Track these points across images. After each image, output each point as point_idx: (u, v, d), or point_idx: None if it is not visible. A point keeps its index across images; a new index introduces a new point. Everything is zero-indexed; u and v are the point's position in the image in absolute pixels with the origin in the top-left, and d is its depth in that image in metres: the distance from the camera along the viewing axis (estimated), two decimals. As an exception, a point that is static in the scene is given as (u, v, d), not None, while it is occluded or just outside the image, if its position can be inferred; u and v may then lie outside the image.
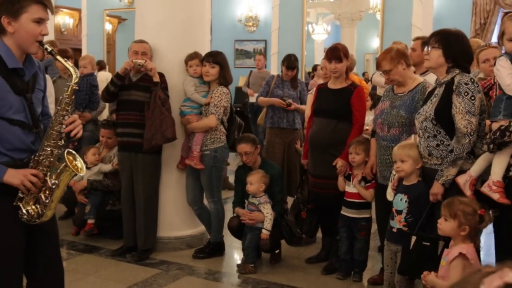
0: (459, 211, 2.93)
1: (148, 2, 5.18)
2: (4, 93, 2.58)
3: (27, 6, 2.58)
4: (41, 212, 2.68)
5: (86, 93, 6.14)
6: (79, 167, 2.74)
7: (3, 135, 2.61)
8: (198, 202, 5.12)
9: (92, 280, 4.52)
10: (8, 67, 2.61)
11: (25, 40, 2.62)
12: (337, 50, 4.60)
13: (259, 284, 4.44)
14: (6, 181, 2.57)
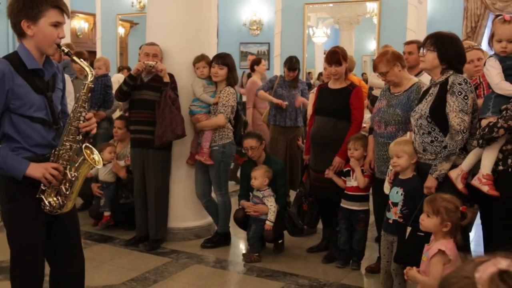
0: (442, 207, 2.87)
1: (158, 8, 5.19)
2: (25, 93, 2.60)
3: (45, 11, 2.59)
4: (62, 203, 2.71)
5: (100, 92, 6.15)
6: (97, 160, 2.76)
7: (26, 132, 2.63)
8: (207, 195, 5.14)
9: (107, 268, 4.54)
10: (28, 68, 2.62)
11: (43, 42, 2.63)
12: (336, 54, 4.60)
13: (263, 272, 4.46)
14: (29, 174, 2.59)
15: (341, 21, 11.33)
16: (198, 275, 4.41)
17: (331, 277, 4.34)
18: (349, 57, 5.83)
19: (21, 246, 2.72)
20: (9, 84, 2.55)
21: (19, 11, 2.59)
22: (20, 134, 2.63)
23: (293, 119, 6.07)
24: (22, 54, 2.63)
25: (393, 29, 8.37)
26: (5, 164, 2.58)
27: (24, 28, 2.60)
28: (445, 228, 2.88)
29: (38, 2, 2.57)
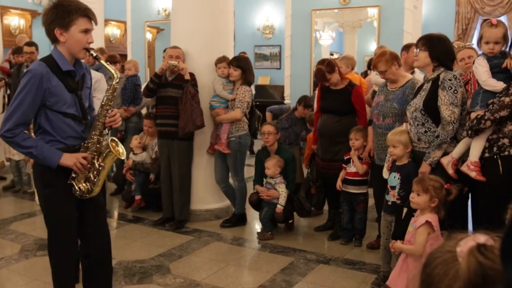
0: (430, 186, 2.91)
1: (181, 15, 5.20)
2: (59, 91, 2.61)
3: (76, 19, 2.60)
4: (90, 188, 2.73)
5: (130, 91, 6.15)
6: (121, 152, 2.77)
7: (59, 126, 2.65)
8: (225, 180, 5.15)
9: (138, 245, 4.57)
10: (62, 70, 2.63)
11: (74, 47, 2.64)
12: (321, 72, 4.55)
13: (276, 248, 4.47)
14: (62, 163, 2.61)
15: (345, 25, 11.26)
16: (217, 251, 4.42)
17: (335, 252, 4.34)
18: (350, 57, 5.82)
19: (56, 225, 2.74)
20: (46, 84, 2.56)
21: (53, 20, 2.60)
22: (54, 128, 2.64)
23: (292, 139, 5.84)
24: (57, 58, 2.64)
25: (391, 31, 8.28)
26: (42, 155, 2.59)
27: (57, 35, 2.61)
28: (433, 204, 2.92)
29: (69, 12, 2.58)
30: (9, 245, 4.52)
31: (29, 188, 6.33)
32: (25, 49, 6.58)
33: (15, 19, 11.25)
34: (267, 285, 3.66)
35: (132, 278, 3.77)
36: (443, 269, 0.82)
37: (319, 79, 4.64)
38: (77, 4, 2.64)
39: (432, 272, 0.83)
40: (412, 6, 8.21)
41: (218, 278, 3.78)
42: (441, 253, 0.84)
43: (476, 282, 0.78)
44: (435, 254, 0.85)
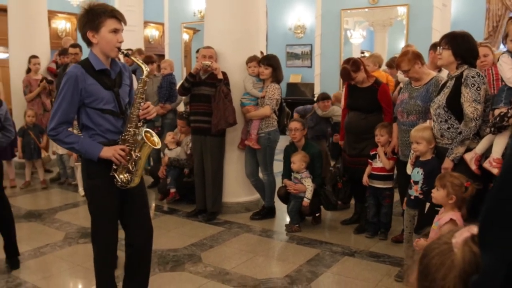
0: (448, 182, 2.84)
1: (214, 17, 5.25)
2: (95, 90, 2.68)
3: (104, 21, 2.65)
4: (131, 179, 2.78)
5: (166, 89, 6.25)
6: (156, 142, 2.81)
7: (98, 121, 2.72)
8: (255, 174, 5.18)
9: (173, 235, 4.65)
10: (96, 69, 2.70)
11: (106, 47, 2.70)
12: (346, 70, 4.51)
13: (303, 240, 4.48)
14: (102, 155, 2.67)
15: (375, 24, 11.08)
16: (247, 242, 4.46)
17: (361, 245, 4.31)
18: (377, 55, 5.75)
19: (99, 214, 2.81)
20: (82, 84, 2.64)
21: (85, 24, 2.68)
22: (94, 124, 2.72)
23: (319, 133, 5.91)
24: (91, 59, 2.71)
25: (420, 30, 8.12)
26: (84, 149, 2.68)
27: (90, 37, 2.68)
28: (451, 201, 2.85)
29: (97, 14, 2.65)
30: (54, 233, 4.68)
31: (73, 180, 6.53)
32: (70, 51, 6.78)
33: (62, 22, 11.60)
34: (293, 275, 3.68)
35: (166, 266, 3.86)
36: (440, 260, 0.82)
37: (344, 77, 4.61)
38: (104, 6, 2.71)
39: (429, 263, 0.84)
40: (441, 4, 8.03)
41: (247, 268, 3.83)
42: (438, 245, 0.85)
43: (470, 271, 0.78)
44: (432, 246, 0.86)
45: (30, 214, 5.30)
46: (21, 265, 3.86)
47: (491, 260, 0.73)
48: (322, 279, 3.62)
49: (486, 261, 0.75)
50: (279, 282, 3.57)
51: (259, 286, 3.48)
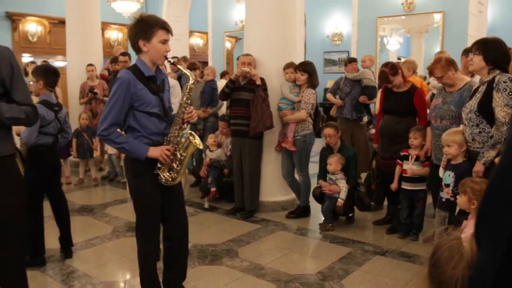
0: (468, 188, 2.77)
1: (253, 26, 5.29)
2: (144, 94, 2.75)
3: (156, 32, 2.73)
4: (174, 177, 2.85)
5: (208, 94, 6.34)
6: (198, 143, 2.87)
7: (145, 123, 2.79)
8: (291, 175, 5.18)
9: (212, 231, 4.70)
10: (145, 75, 2.78)
11: (155, 55, 2.77)
12: (384, 73, 4.45)
13: (336, 239, 4.45)
14: (149, 155, 2.74)
15: (412, 31, 10.88)
16: (282, 239, 4.46)
17: (392, 245, 4.24)
18: (411, 61, 5.66)
19: (143, 211, 2.88)
20: (133, 89, 2.72)
21: (137, 33, 2.75)
22: (141, 126, 2.79)
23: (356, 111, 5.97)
24: (140, 65, 2.79)
25: (456, 36, 7.92)
26: (132, 149, 2.75)
27: (141, 45, 2.76)
28: (473, 206, 2.77)
29: (150, 25, 2.73)
30: (104, 226, 4.85)
31: (122, 178, 6.73)
32: (120, 59, 7.01)
33: (114, 33, 11.98)
34: (325, 272, 3.67)
35: (205, 259, 3.92)
36: (450, 254, 0.83)
37: (382, 80, 4.54)
38: (156, 18, 2.79)
39: (440, 256, 0.85)
40: (476, 11, 7.80)
41: (281, 263, 3.84)
42: (448, 240, 0.86)
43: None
44: (442, 242, 0.87)
45: (83, 209, 5.50)
46: (73, 255, 4.02)
47: (484, 256, 0.73)
48: (353, 276, 3.59)
49: (480, 257, 0.75)
50: (312, 278, 3.56)
51: (292, 282, 3.49)
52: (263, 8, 5.16)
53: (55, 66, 4.21)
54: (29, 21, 10.39)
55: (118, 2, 9.57)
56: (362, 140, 5.94)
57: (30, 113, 2.25)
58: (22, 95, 2.24)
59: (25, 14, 10.30)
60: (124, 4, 9.61)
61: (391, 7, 8.89)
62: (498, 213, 0.72)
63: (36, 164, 3.72)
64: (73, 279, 3.56)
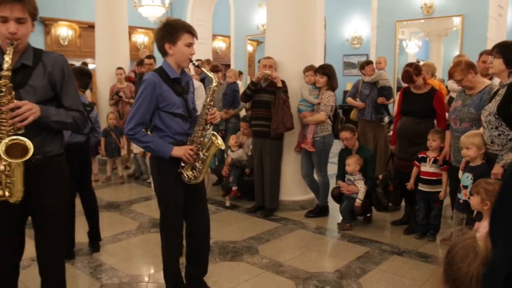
0: (482, 188, 2.75)
1: (274, 29, 5.29)
2: (169, 95, 2.79)
3: (181, 35, 2.77)
4: (197, 175, 2.88)
5: (230, 96, 6.38)
6: (220, 143, 2.88)
7: (169, 124, 2.83)
8: (310, 175, 5.17)
9: (233, 228, 4.74)
10: (171, 78, 2.82)
11: (180, 58, 2.81)
12: (407, 72, 4.40)
13: (353, 238, 4.42)
14: (173, 154, 2.78)
15: (431, 34, 10.73)
16: (301, 238, 4.46)
17: (409, 245, 4.20)
18: (430, 64, 5.60)
19: (167, 208, 2.92)
20: (159, 90, 2.76)
21: (163, 37, 2.79)
22: (166, 126, 2.83)
23: (376, 112, 5.92)
24: (166, 68, 2.83)
25: (475, 39, 7.77)
26: (157, 148, 2.79)
27: (167, 49, 2.80)
28: (486, 207, 2.74)
29: (176, 29, 2.77)
30: (130, 222, 4.92)
31: (146, 176, 6.82)
32: (145, 61, 7.11)
33: (141, 36, 12.13)
34: (343, 270, 3.66)
35: (226, 256, 3.95)
36: (465, 252, 0.83)
37: (406, 80, 4.47)
38: (182, 22, 2.83)
39: (455, 255, 0.85)
40: (496, 14, 7.64)
41: (300, 261, 3.84)
42: (463, 239, 0.86)
43: None
44: (457, 241, 0.87)
45: (110, 205, 5.60)
46: (101, 249, 4.10)
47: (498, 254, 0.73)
48: (370, 275, 3.57)
49: (494, 255, 0.75)
50: (330, 276, 3.56)
51: (311, 279, 3.49)
52: (284, 13, 5.16)
53: (88, 69, 4.31)
54: (61, 25, 10.62)
55: (144, 7, 9.71)
56: (383, 141, 5.90)
57: (78, 118, 2.28)
58: (71, 100, 2.28)
59: (57, 19, 10.53)
60: (150, 9, 9.74)
61: (410, 11, 8.79)
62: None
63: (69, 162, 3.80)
64: (101, 272, 3.63)
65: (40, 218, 2.26)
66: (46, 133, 2.21)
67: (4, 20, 2.05)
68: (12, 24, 2.05)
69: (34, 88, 2.16)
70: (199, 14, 11.92)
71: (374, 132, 5.99)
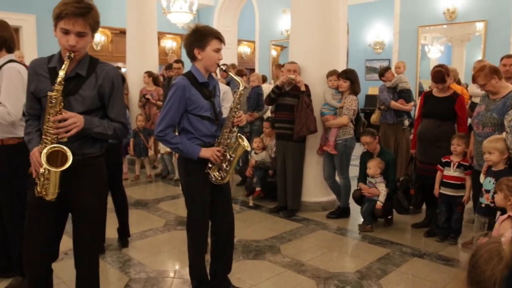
0: (504, 185, 2.75)
1: (298, 35, 5.29)
2: (197, 99, 2.81)
3: (210, 41, 2.79)
4: (223, 176, 2.89)
5: (254, 99, 6.40)
6: (246, 145, 2.89)
7: (197, 126, 2.85)
8: (332, 177, 5.14)
9: (256, 227, 4.74)
10: (199, 82, 2.85)
11: (209, 63, 2.83)
12: (440, 73, 4.33)
13: (374, 239, 4.37)
14: (201, 155, 2.80)
15: (453, 39, 10.52)
16: (322, 238, 4.43)
17: (430, 248, 4.13)
18: (453, 69, 5.49)
19: (194, 206, 2.93)
20: (188, 93, 2.79)
21: (192, 42, 2.82)
22: (194, 128, 2.85)
23: (397, 115, 5.85)
24: (194, 72, 2.86)
25: (498, 44, 7.60)
26: (186, 149, 2.81)
27: (196, 54, 2.82)
28: (509, 202, 2.74)
29: (205, 35, 2.79)
30: (157, 220, 4.98)
31: (173, 176, 6.90)
32: (174, 66, 7.19)
33: (169, 42, 12.28)
34: (363, 271, 3.62)
35: (249, 254, 3.95)
36: (489, 255, 0.82)
37: (438, 79, 4.35)
38: (210, 29, 2.85)
39: (480, 258, 0.84)
40: (520, 19, 7.46)
41: (321, 261, 3.82)
42: (487, 244, 0.85)
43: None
44: (482, 244, 0.86)
45: (138, 203, 5.68)
46: (129, 245, 4.17)
47: None
48: (391, 277, 3.52)
49: None
50: (350, 276, 3.52)
51: (332, 279, 3.46)
52: (308, 19, 5.15)
53: (122, 72, 4.39)
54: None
55: (173, 14, 9.83)
56: (404, 144, 5.82)
57: (119, 130, 2.33)
58: (117, 112, 2.32)
59: (91, 25, 10.72)
60: (179, 16, 9.86)
61: (433, 17, 8.66)
62: None
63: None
64: (129, 266, 3.69)
65: (79, 215, 2.31)
66: (87, 137, 2.26)
67: (65, 32, 2.10)
68: (72, 37, 2.10)
69: (83, 98, 2.21)
70: (225, 20, 12.00)
71: (396, 136, 5.91)
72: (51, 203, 2.19)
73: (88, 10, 2.14)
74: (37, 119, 2.30)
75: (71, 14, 2.08)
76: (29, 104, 2.29)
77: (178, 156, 3.05)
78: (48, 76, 2.20)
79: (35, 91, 2.23)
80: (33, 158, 2.15)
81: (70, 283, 3.25)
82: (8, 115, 2.87)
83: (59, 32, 2.12)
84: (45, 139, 2.11)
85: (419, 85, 9.16)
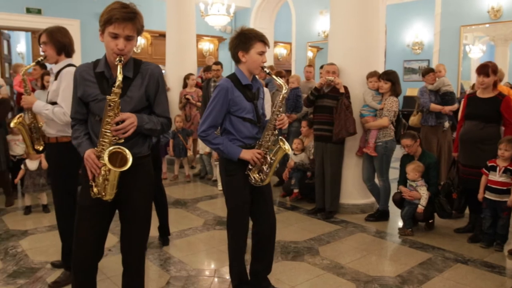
0: None
1: (338, 36, 5.24)
2: (240, 101, 2.84)
3: (254, 44, 2.81)
4: (263, 178, 2.89)
5: (292, 100, 6.38)
6: (287, 148, 2.89)
7: (239, 127, 2.87)
8: (371, 180, 5.06)
9: (294, 229, 4.71)
10: (242, 84, 2.87)
11: (252, 66, 2.85)
12: (486, 67, 4.19)
13: (415, 244, 4.27)
14: (241, 157, 2.82)
15: (497, 38, 10.15)
16: (361, 241, 4.37)
17: (474, 254, 3.99)
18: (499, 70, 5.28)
19: (234, 206, 2.95)
20: (231, 95, 2.81)
21: (237, 45, 2.85)
22: (236, 129, 2.87)
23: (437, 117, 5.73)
24: (238, 74, 2.88)
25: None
26: (227, 150, 2.84)
27: (240, 56, 2.85)
28: None
29: (249, 38, 2.81)
30: (196, 219, 5.03)
31: (212, 176, 6.96)
32: (213, 67, 7.26)
33: (206, 44, 12.42)
34: (404, 275, 3.54)
35: (287, 255, 3.94)
36: None
37: (481, 71, 4.21)
38: (255, 32, 2.87)
39: None
40: None
41: (360, 264, 3.76)
42: None
43: None
44: None
45: (177, 202, 5.77)
46: (170, 243, 4.24)
47: None
48: (433, 282, 3.42)
49: None
50: (391, 280, 3.45)
51: (372, 282, 3.40)
52: (347, 20, 5.09)
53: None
54: (135, 34, 11.07)
55: (211, 16, 9.95)
56: (446, 147, 5.67)
57: (165, 125, 2.39)
58: (162, 108, 2.37)
59: (131, 28, 10.98)
60: (216, 18, 9.96)
61: (476, 15, 8.37)
62: None
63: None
64: (170, 264, 3.75)
65: (127, 213, 2.36)
66: (138, 137, 2.31)
67: (114, 36, 2.16)
68: (121, 41, 2.16)
69: (131, 98, 2.26)
70: (262, 21, 12.03)
71: (438, 138, 5.77)
72: (103, 203, 2.25)
73: (135, 14, 2.19)
74: (84, 123, 2.37)
75: (121, 19, 2.13)
76: (76, 109, 2.36)
77: (217, 156, 3.07)
78: (95, 80, 2.27)
79: (83, 96, 2.29)
80: (89, 160, 2.20)
81: (114, 279, 3.34)
82: (64, 115, 3.05)
83: (108, 37, 2.18)
84: (102, 141, 2.17)
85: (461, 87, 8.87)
